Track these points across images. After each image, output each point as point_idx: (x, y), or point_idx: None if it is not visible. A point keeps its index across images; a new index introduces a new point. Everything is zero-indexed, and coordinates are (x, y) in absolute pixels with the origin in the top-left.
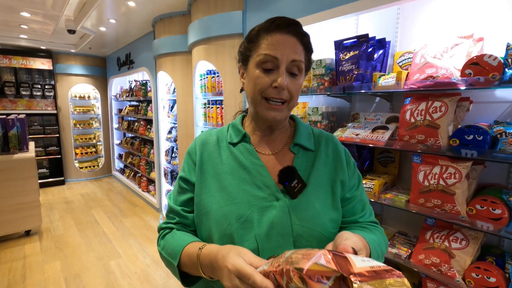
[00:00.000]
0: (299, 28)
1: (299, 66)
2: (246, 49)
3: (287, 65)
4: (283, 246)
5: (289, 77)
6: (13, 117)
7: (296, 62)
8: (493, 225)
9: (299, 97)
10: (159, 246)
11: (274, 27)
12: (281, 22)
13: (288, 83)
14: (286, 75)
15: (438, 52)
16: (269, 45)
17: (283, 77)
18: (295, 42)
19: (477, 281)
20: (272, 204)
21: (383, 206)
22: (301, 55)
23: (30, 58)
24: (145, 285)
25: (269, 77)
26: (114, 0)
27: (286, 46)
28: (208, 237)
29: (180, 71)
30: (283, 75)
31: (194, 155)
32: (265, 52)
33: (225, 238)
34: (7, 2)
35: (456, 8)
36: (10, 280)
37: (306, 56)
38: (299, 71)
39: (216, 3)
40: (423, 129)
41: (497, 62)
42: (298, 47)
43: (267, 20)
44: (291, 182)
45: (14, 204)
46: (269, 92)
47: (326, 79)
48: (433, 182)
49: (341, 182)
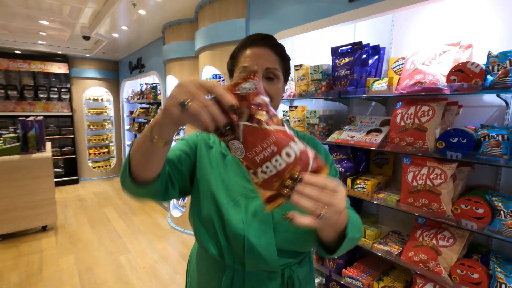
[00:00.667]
0: (272, 41)
1: (274, 73)
2: (231, 64)
3: (263, 72)
4: (265, 230)
5: (267, 82)
6: (32, 119)
7: (270, 70)
8: (477, 224)
9: (281, 100)
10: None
11: (249, 42)
12: (255, 38)
13: (266, 87)
14: (264, 81)
15: (427, 59)
16: (245, 58)
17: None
18: (269, 52)
19: (461, 277)
20: (257, 196)
21: (379, 206)
22: (275, 64)
23: (48, 63)
24: (152, 279)
25: None
26: (126, 9)
27: (260, 57)
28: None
29: (188, 75)
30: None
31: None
32: (243, 65)
33: (217, 211)
34: (26, 11)
35: (446, 16)
36: (28, 272)
37: (282, 63)
38: (275, 76)
39: (221, 11)
40: (412, 132)
41: (479, 69)
42: (272, 57)
43: (245, 38)
44: None
45: (32, 201)
46: None
47: (323, 84)
48: (421, 182)
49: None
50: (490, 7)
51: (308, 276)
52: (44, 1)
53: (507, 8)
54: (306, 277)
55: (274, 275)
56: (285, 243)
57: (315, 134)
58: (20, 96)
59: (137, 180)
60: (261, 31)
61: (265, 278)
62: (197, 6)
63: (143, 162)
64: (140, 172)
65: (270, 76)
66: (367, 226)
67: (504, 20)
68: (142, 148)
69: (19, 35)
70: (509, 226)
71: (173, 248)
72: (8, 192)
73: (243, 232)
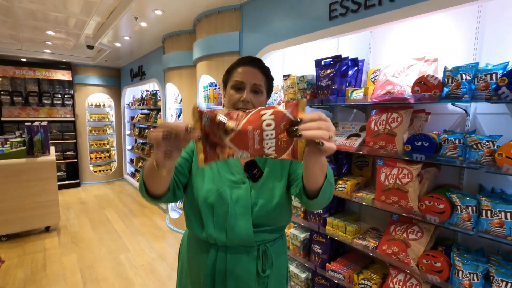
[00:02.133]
0: (260, 63)
1: (259, 88)
2: (226, 78)
3: (251, 87)
4: (244, 212)
5: (253, 95)
6: (38, 124)
7: (256, 85)
8: (439, 218)
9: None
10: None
11: (242, 63)
12: (246, 60)
13: (251, 98)
14: (250, 93)
15: (396, 71)
16: (238, 74)
17: (247, 94)
18: (257, 72)
19: (427, 266)
20: (240, 186)
21: (361, 205)
22: (261, 81)
23: (52, 70)
24: (150, 276)
25: (238, 94)
26: (129, 21)
27: (249, 74)
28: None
29: (186, 83)
30: (247, 93)
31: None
32: (235, 79)
33: (206, 203)
34: (34, 23)
35: (417, 32)
36: (33, 269)
37: (267, 82)
38: (260, 91)
39: (217, 25)
40: (384, 136)
41: (437, 82)
42: (259, 75)
43: (239, 58)
44: (253, 170)
45: (36, 202)
46: (239, 104)
47: (308, 93)
48: (391, 181)
49: (289, 166)
50: (454, 25)
51: (280, 250)
52: (51, 14)
53: (466, 28)
54: (278, 251)
55: (251, 249)
56: (260, 219)
57: None
58: (25, 102)
59: (152, 195)
60: (253, 43)
61: (243, 252)
62: (195, 19)
63: (154, 184)
64: (153, 190)
65: (256, 90)
66: (348, 223)
67: (464, 36)
68: (151, 175)
69: (26, 44)
70: (464, 219)
71: (171, 247)
72: (14, 193)
73: (227, 215)
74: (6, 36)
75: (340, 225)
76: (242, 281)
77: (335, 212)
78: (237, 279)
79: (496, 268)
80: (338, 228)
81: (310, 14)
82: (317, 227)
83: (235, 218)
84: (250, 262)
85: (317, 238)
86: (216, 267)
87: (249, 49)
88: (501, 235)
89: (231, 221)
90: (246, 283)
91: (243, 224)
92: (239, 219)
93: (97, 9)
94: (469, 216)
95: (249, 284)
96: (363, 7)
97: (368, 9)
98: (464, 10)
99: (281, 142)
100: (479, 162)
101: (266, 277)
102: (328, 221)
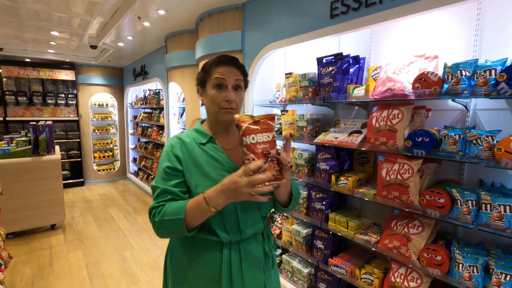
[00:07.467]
0: (237, 62)
1: (239, 84)
2: (203, 76)
3: (232, 84)
4: (251, 205)
5: (235, 92)
6: (43, 123)
7: (237, 81)
8: (439, 212)
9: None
10: (156, 218)
11: (221, 62)
12: (225, 59)
13: (234, 96)
14: (232, 91)
15: (397, 69)
16: (219, 73)
17: (231, 93)
18: (235, 70)
19: (427, 259)
20: None
21: (362, 201)
22: (240, 77)
23: (56, 70)
24: (155, 272)
25: (222, 94)
26: (132, 21)
27: (231, 72)
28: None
29: (189, 82)
30: (231, 92)
31: (176, 150)
32: (218, 76)
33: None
34: (38, 23)
35: (417, 30)
36: (39, 265)
37: (244, 78)
38: (240, 87)
39: (219, 24)
40: (385, 132)
41: (437, 78)
42: (237, 72)
43: (216, 57)
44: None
45: (42, 200)
46: (223, 104)
47: (310, 90)
48: (392, 177)
49: None
50: (454, 22)
51: (270, 230)
52: (55, 14)
53: (465, 25)
54: (270, 231)
55: (259, 236)
56: (261, 208)
57: (303, 136)
58: (29, 102)
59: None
60: (255, 42)
61: (252, 240)
62: (197, 19)
63: (198, 220)
64: (194, 225)
65: (237, 86)
66: (349, 218)
67: (464, 33)
68: (202, 217)
69: (31, 44)
70: (464, 213)
71: None
72: (20, 192)
73: (236, 209)
74: (11, 36)
75: (342, 220)
76: (255, 266)
77: (337, 208)
78: (250, 265)
79: (496, 260)
80: (340, 224)
81: (312, 13)
82: (319, 223)
83: (245, 213)
84: (258, 246)
85: (320, 234)
86: (231, 260)
87: (251, 47)
88: (501, 228)
89: (242, 217)
90: (258, 266)
91: (253, 216)
92: (249, 213)
93: (101, 9)
94: (469, 210)
95: (260, 266)
96: (364, 5)
97: (369, 7)
98: (464, 7)
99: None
100: (478, 157)
101: (271, 256)
102: (330, 216)
